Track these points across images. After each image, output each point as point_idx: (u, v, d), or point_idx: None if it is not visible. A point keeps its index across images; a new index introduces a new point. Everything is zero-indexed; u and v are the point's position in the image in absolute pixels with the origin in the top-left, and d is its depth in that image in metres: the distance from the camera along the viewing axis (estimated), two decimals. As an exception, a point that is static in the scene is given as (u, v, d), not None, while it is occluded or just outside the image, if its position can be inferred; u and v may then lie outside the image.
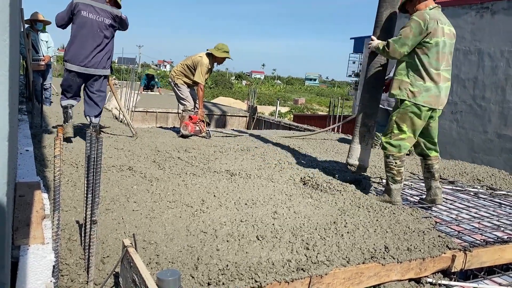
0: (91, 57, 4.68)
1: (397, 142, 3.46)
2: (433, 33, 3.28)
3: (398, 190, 3.48)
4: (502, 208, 3.89)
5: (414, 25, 3.30)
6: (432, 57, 3.32)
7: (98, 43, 4.70)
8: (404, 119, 3.43)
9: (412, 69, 3.38)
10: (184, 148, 5.14)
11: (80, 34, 4.63)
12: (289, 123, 10.53)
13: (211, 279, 1.96)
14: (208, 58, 6.16)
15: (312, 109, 37.52)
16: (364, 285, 2.32)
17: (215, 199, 3.19)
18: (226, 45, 6.25)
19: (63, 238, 2.22)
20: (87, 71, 4.68)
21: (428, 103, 3.35)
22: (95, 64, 4.71)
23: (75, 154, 4.19)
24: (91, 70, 4.70)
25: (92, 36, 4.66)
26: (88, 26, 4.63)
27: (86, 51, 4.65)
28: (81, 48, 4.63)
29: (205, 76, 6.13)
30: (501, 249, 2.78)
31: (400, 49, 3.36)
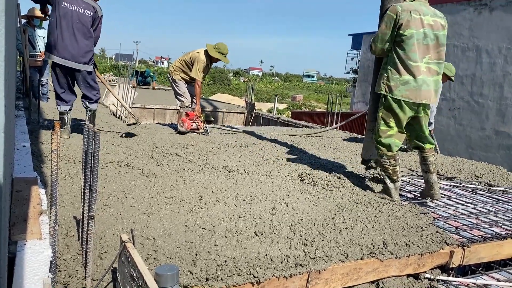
0: (71, 48, 4.55)
1: (387, 140, 3.44)
2: (406, 24, 3.24)
3: (396, 188, 3.47)
4: (500, 204, 3.90)
5: (387, 19, 3.31)
6: (409, 49, 3.27)
7: (77, 35, 4.57)
8: (389, 115, 3.41)
9: (390, 63, 3.37)
10: (182, 144, 5.13)
11: (61, 26, 4.52)
12: (287, 119, 10.53)
13: (209, 275, 1.95)
14: (205, 55, 6.14)
15: (310, 106, 37.55)
16: (362, 280, 2.32)
17: (213, 195, 3.18)
18: (226, 47, 6.20)
19: (60, 233, 2.21)
20: (67, 63, 4.55)
21: (407, 97, 3.31)
22: (74, 57, 4.57)
23: (72, 150, 4.18)
24: (69, 63, 4.55)
25: (73, 27, 4.55)
26: (68, 17, 4.53)
27: (66, 41, 4.53)
28: (62, 39, 4.52)
29: (202, 73, 6.11)
30: (499, 245, 2.79)
31: (381, 45, 3.37)
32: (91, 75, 4.80)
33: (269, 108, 21.27)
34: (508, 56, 8.74)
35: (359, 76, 20.54)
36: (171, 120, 10.01)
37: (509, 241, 2.84)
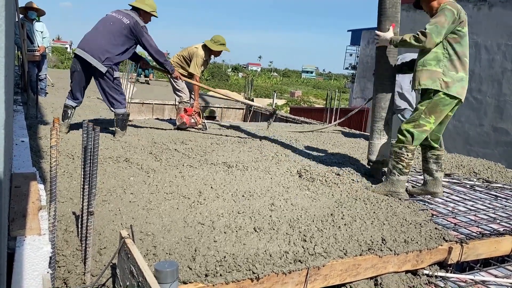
0: (93, 42, 4.55)
1: (418, 134, 3.38)
2: (464, 22, 3.27)
3: (404, 181, 3.47)
4: (498, 201, 3.91)
5: (449, 14, 3.21)
6: (465, 46, 3.31)
7: (105, 33, 4.58)
8: (433, 111, 3.34)
9: (445, 59, 3.30)
10: (180, 140, 5.12)
11: (96, 25, 4.71)
12: (285, 115, 10.51)
13: (208, 271, 1.96)
14: (204, 50, 6.12)
15: (309, 102, 37.51)
16: (361, 276, 2.33)
17: (212, 191, 3.18)
18: (222, 37, 6.20)
19: (59, 229, 2.20)
20: (82, 54, 4.51)
21: (460, 94, 3.30)
22: (92, 50, 4.51)
23: (71, 145, 4.17)
24: (86, 55, 4.50)
25: (103, 26, 4.65)
26: (105, 19, 4.70)
27: (91, 36, 4.61)
28: (89, 33, 4.64)
29: (200, 68, 6.09)
30: (497, 241, 2.80)
31: (436, 38, 3.25)
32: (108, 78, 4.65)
33: (268, 103, 21.24)
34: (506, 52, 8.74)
35: (358, 72, 20.52)
36: (170, 116, 9.99)
37: (507, 238, 2.85)
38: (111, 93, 4.76)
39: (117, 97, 4.82)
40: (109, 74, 4.64)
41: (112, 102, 4.79)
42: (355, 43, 23.54)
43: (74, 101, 4.79)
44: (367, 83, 18.07)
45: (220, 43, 6.15)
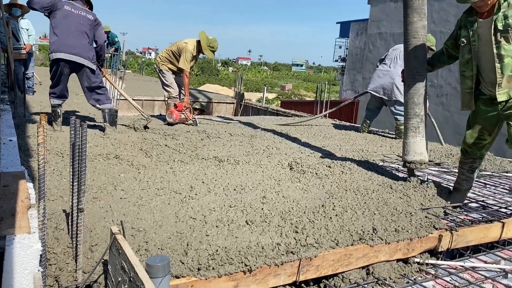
0: (76, 45, 4.63)
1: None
2: None
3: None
4: (487, 189, 3.96)
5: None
6: None
7: (81, 34, 4.68)
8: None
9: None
10: (171, 136, 5.11)
11: (63, 25, 4.62)
12: (276, 109, 10.52)
13: (201, 264, 1.96)
14: (194, 45, 6.08)
15: (300, 95, 37.55)
16: (353, 266, 2.34)
17: (204, 186, 3.18)
18: (217, 43, 6.19)
19: (49, 227, 2.19)
20: (72, 58, 4.60)
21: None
22: (80, 52, 4.66)
23: (60, 143, 4.14)
24: (76, 58, 4.63)
25: (75, 26, 4.65)
26: (71, 17, 4.65)
27: (71, 39, 4.61)
28: (66, 37, 4.61)
29: (190, 63, 6.06)
30: (486, 228, 2.83)
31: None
32: (95, 74, 4.82)
33: (259, 98, 21.23)
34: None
35: (347, 64, 20.56)
36: (159, 112, 9.94)
37: (495, 224, 2.88)
38: (98, 90, 4.87)
39: (104, 92, 4.93)
40: (97, 71, 4.85)
41: (99, 99, 4.87)
42: (344, 35, 23.57)
43: (62, 99, 4.90)
44: (357, 75, 18.12)
45: (212, 50, 6.15)
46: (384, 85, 6.11)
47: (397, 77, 5.88)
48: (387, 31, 10.72)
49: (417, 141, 3.57)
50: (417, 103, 3.55)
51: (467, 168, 3.39)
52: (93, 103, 4.92)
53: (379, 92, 6.16)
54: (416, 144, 3.57)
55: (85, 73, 4.75)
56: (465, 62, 3.15)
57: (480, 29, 3.00)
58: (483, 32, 2.99)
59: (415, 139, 3.57)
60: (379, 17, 10.90)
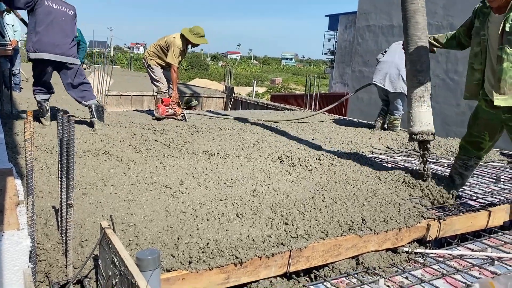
0: (60, 44, 4.59)
1: None
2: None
3: None
4: (474, 178, 4.02)
5: None
6: None
7: (64, 31, 4.64)
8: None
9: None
10: (160, 131, 5.09)
11: (46, 22, 4.52)
12: (266, 103, 10.53)
13: (192, 258, 1.97)
14: (182, 39, 6.05)
15: (289, 89, 37.59)
16: (342, 256, 2.37)
17: (194, 180, 3.18)
18: (202, 28, 6.15)
19: (39, 223, 2.18)
20: (58, 58, 4.56)
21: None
22: (65, 51, 4.63)
23: (48, 140, 4.10)
24: (61, 58, 4.59)
25: (58, 23, 4.59)
26: (53, 14, 4.57)
27: (55, 38, 4.55)
28: (50, 35, 4.53)
29: (178, 58, 6.03)
30: (473, 217, 2.88)
31: None
32: (79, 71, 4.81)
33: (249, 92, 21.20)
34: (481, 33, 8.88)
35: (336, 57, 20.61)
36: (148, 107, 9.89)
37: (482, 213, 2.93)
38: (82, 87, 4.86)
39: (88, 89, 4.93)
40: (81, 67, 4.89)
41: (84, 96, 4.84)
42: (333, 28, 23.60)
43: (48, 93, 4.86)
44: (346, 68, 18.17)
45: (200, 35, 6.10)
46: (390, 75, 5.95)
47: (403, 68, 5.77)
48: (375, 24, 10.76)
49: (423, 110, 3.33)
50: (420, 70, 3.32)
51: (460, 164, 3.37)
52: (78, 100, 4.90)
53: (384, 83, 5.99)
54: (422, 114, 3.33)
55: (69, 71, 4.71)
56: (473, 55, 3.03)
57: (491, 24, 2.84)
58: (493, 28, 2.83)
59: (421, 108, 3.33)
60: (367, 10, 10.92)
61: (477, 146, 3.23)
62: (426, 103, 3.34)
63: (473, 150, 3.26)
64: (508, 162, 4.82)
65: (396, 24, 10.02)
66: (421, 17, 3.35)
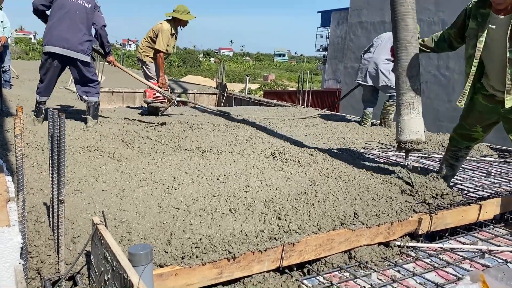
0: (69, 38, 4.48)
1: None
2: None
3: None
4: (465, 173, 4.06)
5: None
6: None
7: (75, 25, 4.52)
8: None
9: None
10: (153, 127, 5.07)
11: (57, 16, 4.48)
12: (259, 99, 10.52)
13: (184, 253, 1.97)
14: (170, 23, 6.01)
15: (282, 85, 37.61)
16: (335, 251, 2.38)
17: (187, 176, 3.17)
18: (185, 6, 6.11)
19: (30, 220, 2.17)
20: (64, 52, 4.47)
21: None
22: (73, 46, 4.50)
23: (39, 137, 4.07)
24: (68, 52, 4.48)
25: (70, 17, 4.49)
26: (66, 7, 4.49)
27: (63, 32, 4.46)
28: (59, 29, 4.45)
29: (167, 44, 5.96)
30: (464, 211, 2.90)
31: None
32: (89, 67, 4.70)
33: (241, 88, 21.17)
34: (472, 29, 8.93)
35: (329, 54, 20.63)
36: (141, 104, 9.83)
37: (473, 207, 2.95)
38: (90, 83, 4.77)
39: (94, 85, 4.84)
40: (92, 64, 4.76)
41: (88, 91, 4.78)
42: (326, 25, 23.62)
43: (46, 97, 4.75)
44: (339, 64, 18.20)
45: (187, 12, 6.05)
46: (370, 72, 6.01)
47: (381, 63, 5.85)
48: (367, 20, 10.78)
49: (412, 118, 3.20)
50: (410, 76, 3.19)
51: (450, 155, 3.38)
52: (81, 93, 4.82)
53: (368, 81, 6.04)
54: (412, 122, 3.20)
55: (77, 67, 4.61)
56: (467, 57, 2.93)
57: (493, 25, 2.74)
58: (497, 30, 2.73)
59: (410, 116, 3.20)
60: (359, 6, 10.94)
61: (469, 137, 3.24)
62: (415, 111, 3.22)
63: (464, 141, 3.28)
64: (498, 156, 4.87)
65: (388, 20, 10.03)
66: (411, 20, 3.23)
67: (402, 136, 3.23)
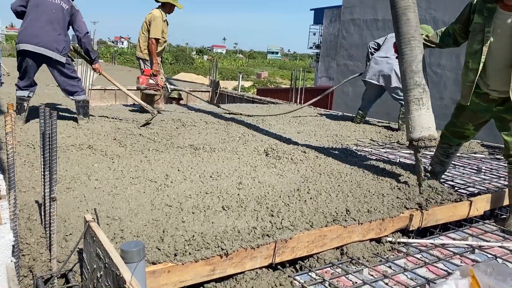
0: (43, 35, 4.40)
1: None
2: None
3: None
4: (456, 169, 4.09)
5: None
6: None
7: (50, 23, 4.45)
8: None
9: None
10: (145, 125, 5.05)
11: (33, 13, 4.40)
12: (252, 96, 10.53)
13: (177, 250, 1.97)
14: (160, 9, 5.99)
15: (275, 83, 37.61)
16: (327, 247, 2.40)
17: (179, 173, 3.17)
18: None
19: (22, 218, 2.16)
20: (38, 50, 4.38)
21: None
22: (47, 44, 4.41)
23: (31, 134, 4.05)
24: (42, 50, 4.39)
25: (46, 15, 4.42)
26: (42, 6, 4.42)
27: (38, 30, 4.38)
28: (34, 26, 4.38)
29: (161, 29, 5.92)
30: (455, 207, 2.93)
31: None
32: (68, 67, 4.62)
33: (234, 86, 21.15)
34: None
35: (322, 51, 20.66)
36: (133, 101, 9.80)
37: (463, 203, 2.99)
38: (70, 82, 4.70)
39: (76, 84, 4.78)
40: (68, 63, 4.61)
41: (71, 91, 4.71)
42: (318, 22, 23.64)
43: (29, 91, 4.62)
44: (331, 61, 18.24)
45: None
46: (383, 72, 5.84)
47: (396, 64, 5.72)
48: (360, 18, 10.81)
49: (422, 114, 3.03)
50: (416, 71, 3.04)
51: (441, 152, 3.40)
52: (66, 94, 4.77)
53: (379, 80, 5.86)
54: (422, 118, 3.03)
55: (54, 66, 4.55)
56: (472, 53, 2.87)
57: (499, 21, 2.70)
58: (503, 26, 2.69)
59: (420, 112, 3.03)
60: (352, 3, 10.96)
61: (460, 135, 3.25)
62: (425, 106, 3.04)
63: (455, 139, 3.29)
64: (489, 153, 4.92)
65: (381, 18, 10.08)
66: (413, 14, 3.09)
67: (413, 133, 3.05)
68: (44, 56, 4.43)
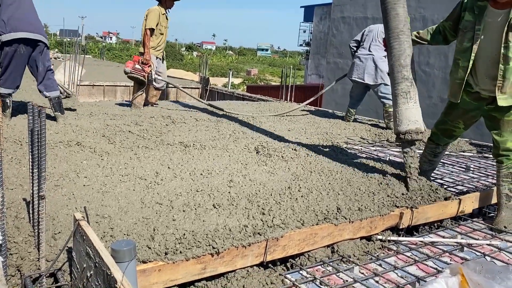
0: (34, 21, 4.37)
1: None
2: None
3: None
4: (445, 167, 4.13)
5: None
6: None
7: (33, 10, 4.43)
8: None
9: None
10: (135, 121, 5.01)
11: (14, 5, 4.26)
12: (242, 93, 10.50)
13: (168, 249, 1.96)
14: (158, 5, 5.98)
15: (265, 80, 37.61)
16: (318, 245, 2.40)
17: (170, 171, 3.15)
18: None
19: (9, 216, 2.12)
20: (36, 36, 4.31)
21: None
22: (40, 29, 4.39)
23: (18, 131, 3.99)
24: (39, 36, 4.35)
25: (26, 4, 4.36)
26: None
27: (29, 15, 4.32)
28: (24, 13, 4.30)
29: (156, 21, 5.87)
30: (444, 205, 2.96)
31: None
32: (48, 54, 4.61)
33: (224, 83, 21.09)
34: (452, 26, 9.06)
35: (312, 49, 20.70)
36: (122, 97, 9.72)
37: (453, 201, 3.01)
38: (49, 74, 4.62)
39: (53, 77, 4.70)
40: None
41: (48, 84, 4.60)
42: (308, 20, 23.67)
43: (12, 88, 4.48)
44: (321, 59, 18.28)
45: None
46: (368, 70, 5.88)
47: (379, 60, 5.75)
48: (350, 16, 10.84)
49: (410, 107, 3.07)
50: (404, 65, 3.07)
51: (429, 152, 3.42)
52: (41, 88, 4.59)
53: (364, 78, 5.90)
54: (409, 111, 3.07)
55: (42, 53, 4.45)
56: (462, 50, 2.90)
57: (489, 18, 2.72)
58: (493, 24, 2.71)
59: (407, 105, 3.07)
60: (342, 1, 10.99)
61: (450, 134, 3.26)
62: (412, 100, 3.07)
63: (444, 138, 3.30)
64: (477, 152, 4.97)
65: (371, 16, 10.12)
66: (402, 9, 3.13)
67: (400, 126, 3.09)
68: (38, 42, 4.36)
